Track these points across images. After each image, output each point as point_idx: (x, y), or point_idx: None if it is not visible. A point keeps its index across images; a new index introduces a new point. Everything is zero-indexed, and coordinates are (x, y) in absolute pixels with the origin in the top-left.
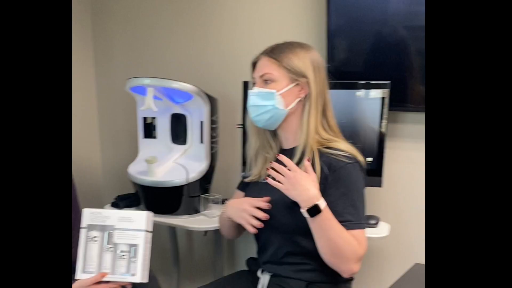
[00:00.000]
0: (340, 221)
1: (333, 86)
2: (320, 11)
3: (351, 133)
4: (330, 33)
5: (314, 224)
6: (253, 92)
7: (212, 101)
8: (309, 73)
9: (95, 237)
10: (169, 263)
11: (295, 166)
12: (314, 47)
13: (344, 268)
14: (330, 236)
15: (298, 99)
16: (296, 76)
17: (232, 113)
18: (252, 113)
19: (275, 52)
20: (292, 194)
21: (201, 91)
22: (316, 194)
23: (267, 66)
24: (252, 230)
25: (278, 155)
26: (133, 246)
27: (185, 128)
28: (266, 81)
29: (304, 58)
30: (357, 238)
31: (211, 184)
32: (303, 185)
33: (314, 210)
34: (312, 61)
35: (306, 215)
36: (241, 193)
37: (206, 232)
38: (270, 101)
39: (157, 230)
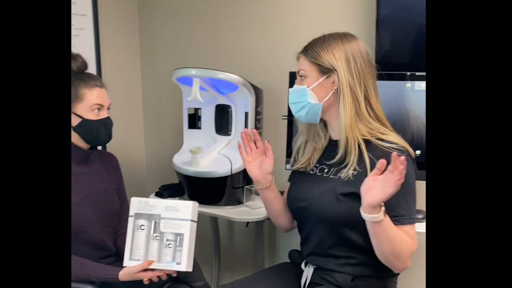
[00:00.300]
0: (393, 216)
1: (381, 77)
2: (369, 0)
3: (399, 126)
4: (379, 23)
5: (374, 228)
6: (292, 89)
7: (257, 92)
8: (339, 65)
9: (142, 225)
10: (211, 254)
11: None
12: (358, 37)
13: (400, 266)
14: (389, 240)
15: (332, 92)
16: (325, 69)
17: (277, 104)
18: (293, 110)
19: (307, 48)
20: (377, 196)
21: (247, 82)
22: (377, 208)
23: (301, 63)
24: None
25: (398, 155)
26: (179, 235)
27: (229, 119)
28: (301, 77)
29: (334, 50)
30: (410, 234)
31: None
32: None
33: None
34: (346, 52)
35: (367, 218)
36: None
37: (248, 223)
38: (303, 97)
39: (199, 221)
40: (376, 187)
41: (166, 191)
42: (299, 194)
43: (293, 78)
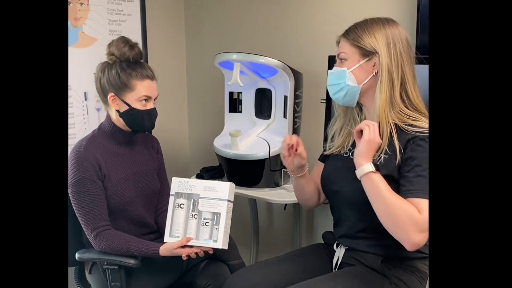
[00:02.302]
0: (408, 189)
1: (421, 62)
2: None
3: None
4: (420, 6)
5: (365, 185)
6: (331, 71)
7: (296, 76)
8: (380, 48)
9: (182, 204)
10: (249, 235)
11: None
12: (399, 21)
13: (404, 236)
14: (383, 202)
15: (372, 75)
16: (366, 52)
17: (316, 88)
18: (330, 92)
19: (348, 31)
20: (360, 145)
21: (286, 66)
22: (364, 163)
23: (342, 46)
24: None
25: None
26: (216, 214)
27: (269, 102)
28: (342, 60)
29: (376, 33)
30: (418, 206)
31: None
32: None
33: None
34: (387, 36)
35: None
36: (322, 164)
37: (285, 205)
38: (342, 79)
39: (238, 203)
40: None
41: (207, 173)
42: (331, 177)
43: (332, 62)
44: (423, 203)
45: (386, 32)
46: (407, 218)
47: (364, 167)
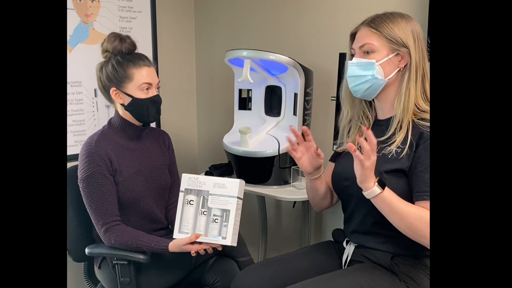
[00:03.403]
0: (425, 191)
1: None
2: None
3: None
4: (432, 4)
5: (377, 205)
6: (352, 62)
7: (307, 73)
8: (409, 43)
9: (191, 200)
10: (258, 233)
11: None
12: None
13: (425, 242)
14: (397, 215)
15: (398, 69)
16: (397, 46)
17: (327, 85)
18: (351, 83)
19: (376, 22)
20: (359, 172)
21: (297, 63)
22: (370, 186)
23: (367, 36)
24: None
25: (366, 128)
26: (225, 211)
27: (279, 100)
28: (366, 52)
29: (405, 28)
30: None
31: None
32: (367, 172)
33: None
34: (412, 31)
35: (365, 195)
36: (333, 165)
37: (294, 203)
38: (369, 71)
39: (247, 200)
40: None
41: (216, 171)
42: (343, 173)
43: (342, 59)
44: None
45: (411, 27)
46: (424, 225)
47: (372, 191)
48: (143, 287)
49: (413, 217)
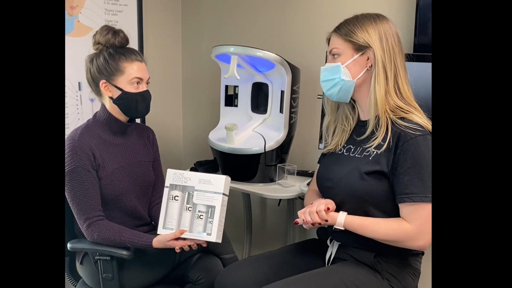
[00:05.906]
0: (405, 193)
1: (409, 59)
2: None
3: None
4: (419, 6)
5: (350, 229)
6: (323, 68)
7: (294, 71)
8: (374, 43)
9: (176, 196)
10: (242, 230)
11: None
12: (398, 19)
13: (407, 247)
14: (372, 234)
15: (366, 69)
16: (360, 46)
17: (313, 83)
18: (324, 88)
19: (340, 27)
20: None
21: (284, 60)
22: (335, 217)
23: (334, 41)
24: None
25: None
26: (211, 207)
27: (265, 97)
28: (334, 56)
29: (369, 28)
30: (409, 215)
31: (288, 154)
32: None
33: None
34: (379, 31)
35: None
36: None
37: (280, 201)
38: (336, 74)
39: (232, 197)
40: None
41: (201, 167)
42: (326, 173)
43: None
44: (420, 209)
45: (378, 27)
46: (400, 235)
47: (338, 220)
48: (126, 283)
49: (387, 230)
